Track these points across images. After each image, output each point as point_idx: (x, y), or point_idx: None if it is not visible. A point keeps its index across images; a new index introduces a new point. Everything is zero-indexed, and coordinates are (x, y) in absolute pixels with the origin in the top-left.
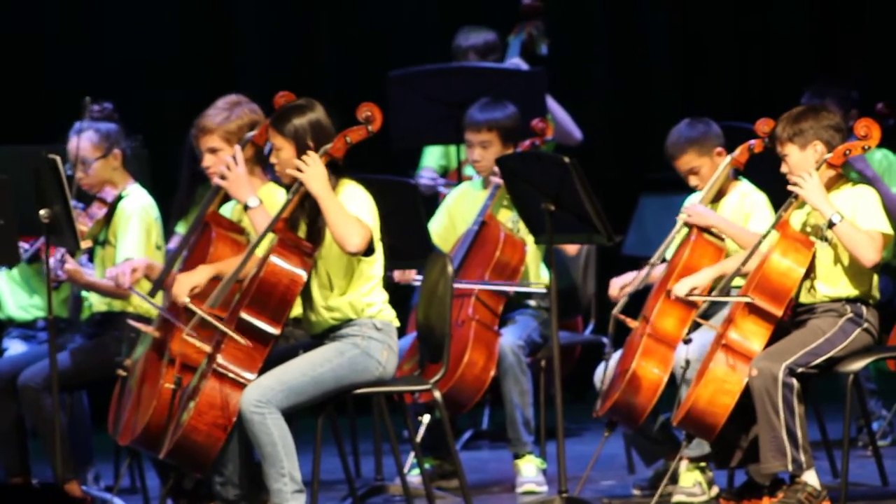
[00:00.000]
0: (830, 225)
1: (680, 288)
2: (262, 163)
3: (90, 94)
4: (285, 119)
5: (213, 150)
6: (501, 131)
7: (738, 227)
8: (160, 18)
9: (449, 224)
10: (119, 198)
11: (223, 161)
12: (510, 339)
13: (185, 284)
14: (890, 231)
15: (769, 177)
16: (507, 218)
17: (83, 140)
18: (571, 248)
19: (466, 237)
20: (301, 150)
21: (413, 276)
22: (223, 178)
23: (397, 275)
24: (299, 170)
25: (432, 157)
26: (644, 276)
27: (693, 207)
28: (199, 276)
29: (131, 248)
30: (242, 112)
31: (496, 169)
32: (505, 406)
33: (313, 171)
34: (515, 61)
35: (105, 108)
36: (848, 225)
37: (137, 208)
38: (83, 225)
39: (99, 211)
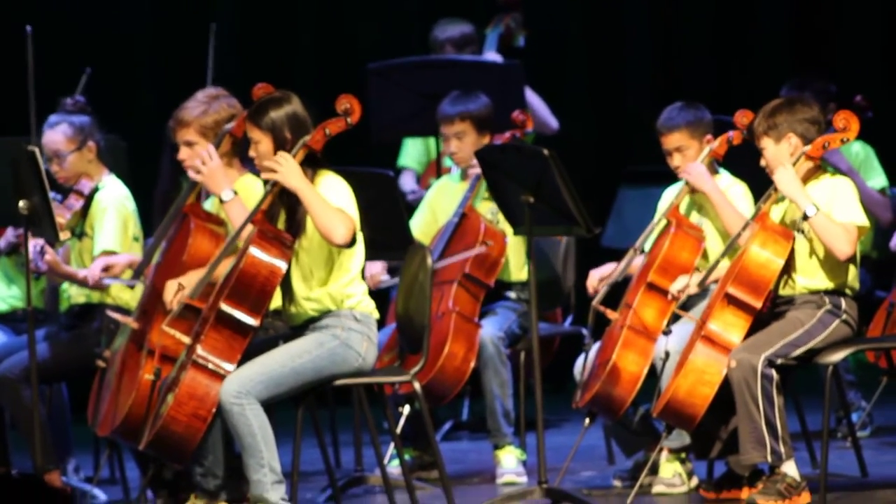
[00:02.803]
0: (805, 217)
1: (675, 286)
2: (240, 154)
3: (67, 89)
4: (262, 112)
5: (190, 144)
6: (474, 121)
7: (728, 203)
8: (138, 9)
9: (431, 218)
10: (95, 189)
11: (199, 154)
12: (491, 330)
13: (174, 287)
14: (866, 222)
15: (748, 169)
16: (488, 209)
17: (57, 133)
18: None
19: (446, 229)
20: (278, 143)
21: (380, 280)
22: (198, 172)
23: (368, 280)
24: (272, 170)
25: (411, 156)
26: (623, 267)
27: (694, 166)
28: (189, 280)
29: (109, 240)
30: (220, 106)
31: (475, 161)
32: (485, 397)
33: (286, 168)
34: (491, 55)
35: (78, 101)
36: (823, 217)
37: (114, 200)
38: (61, 217)
39: (76, 202)
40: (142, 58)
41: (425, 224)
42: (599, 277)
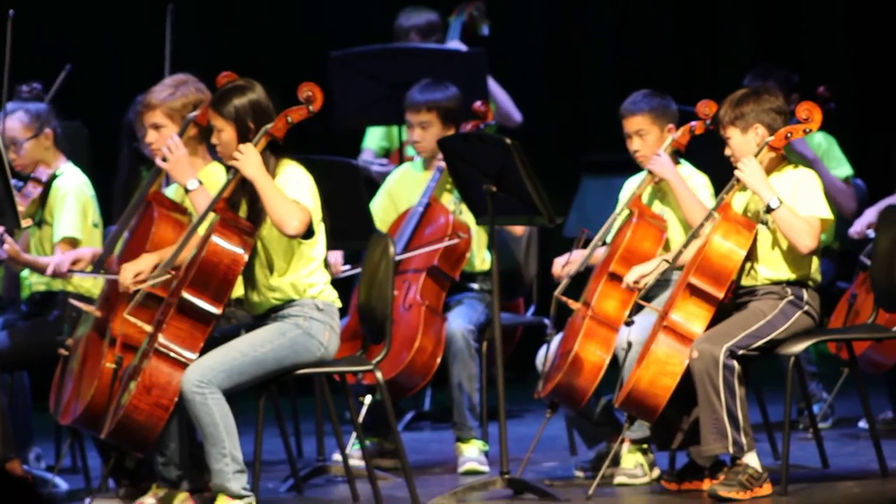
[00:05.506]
0: (769, 210)
1: (629, 276)
2: (206, 142)
3: (27, 76)
4: (225, 100)
5: (157, 127)
6: (441, 112)
7: (690, 192)
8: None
9: (390, 206)
10: (53, 177)
11: (166, 137)
12: (461, 323)
13: (129, 271)
14: (829, 215)
15: (710, 159)
16: (449, 200)
17: (13, 121)
18: (518, 228)
19: (411, 218)
20: (241, 131)
21: (340, 269)
22: (164, 160)
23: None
24: (235, 159)
25: (373, 139)
26: (586, 257)
27: (659, 157)
28: (143, 263)
29: (68, 227)
30: (188, 90)
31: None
32: (452, 390)
33: (247, 158)
34: (454, 44)
35: (34, 88)
36: (786, 210)
37: (73, 187)
38: (20, 205)
39: (34, 190)
40: (104, 44)
41: (383, 210)
42: (563, 264)
